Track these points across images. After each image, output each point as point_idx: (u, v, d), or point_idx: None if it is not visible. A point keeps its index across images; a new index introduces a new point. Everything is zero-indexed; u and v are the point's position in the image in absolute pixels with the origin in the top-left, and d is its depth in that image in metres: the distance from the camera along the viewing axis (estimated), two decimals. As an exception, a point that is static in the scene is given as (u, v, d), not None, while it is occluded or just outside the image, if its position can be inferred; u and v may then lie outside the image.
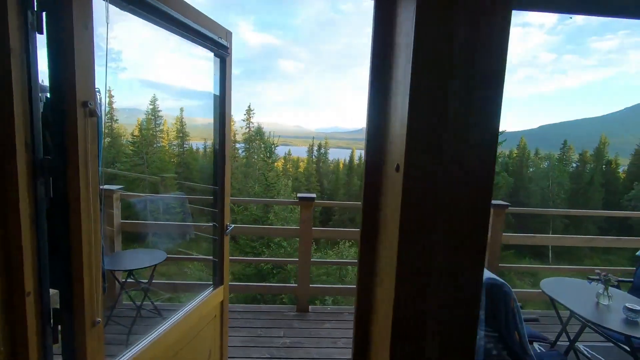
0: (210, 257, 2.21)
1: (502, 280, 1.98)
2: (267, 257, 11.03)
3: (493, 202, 4.15)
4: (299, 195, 4.09)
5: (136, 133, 35.42)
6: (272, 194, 13.25)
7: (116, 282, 3.59)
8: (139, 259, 3.34)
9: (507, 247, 25.67)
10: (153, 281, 3.50)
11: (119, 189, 3.83)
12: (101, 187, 1.34)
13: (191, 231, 4.17)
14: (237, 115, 58.85)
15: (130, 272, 3.23)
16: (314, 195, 4.16)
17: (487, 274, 2.03)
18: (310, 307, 4.05)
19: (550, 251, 30.80)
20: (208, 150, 68.08)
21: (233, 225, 2.12)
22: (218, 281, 2.10)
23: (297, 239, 4.30)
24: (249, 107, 41.37)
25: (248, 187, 16.99)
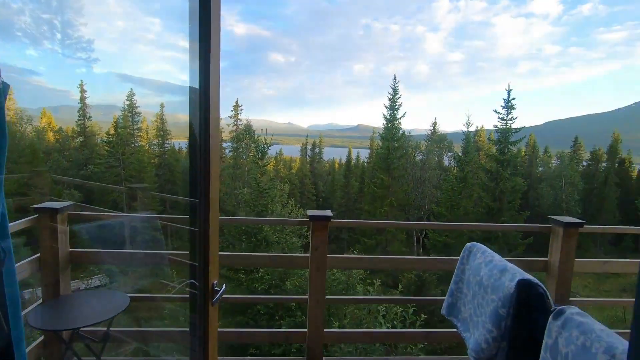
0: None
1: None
2: (261, 274, 10.19)
3: (561, 219, 3.45)
4: (310, 213, 3.35)
5: (112, 131, 34.29)
6: (266, 201, 12.40)
7: (61, 342, 2.78)
8: (90, 308, 2.55)
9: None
10: (111, 329, 2.71)
11: (67, 206, 3.01)
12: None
13: (163, 261, 3.38)
14: (223, 111, 57.74)
15: (76, 330, 2.44)
16: (329, 212, 3.41)
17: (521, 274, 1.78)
18: (324, 358, 3.30)
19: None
20: (192, 150, 66.63)
21: (225, 286, 1.36)
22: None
23: (303, 260, 3.55)
24: (237, 102, 40.39)
25: (237, 193, 16.12)
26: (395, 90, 25.49)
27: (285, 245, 11.03)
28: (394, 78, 25.42)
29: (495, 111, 20.07)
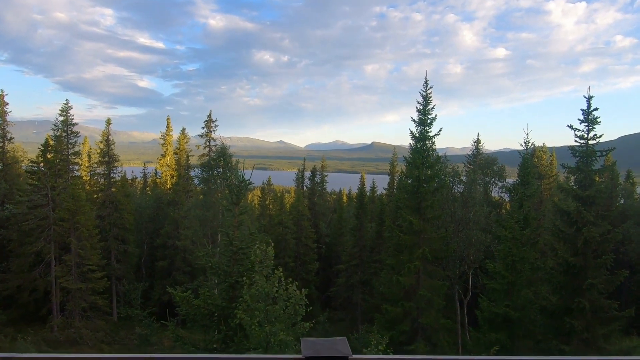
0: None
1: None
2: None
3: None
4: (308, 352, 2.32)
5: (39, 157, 33.25)
6: (242, 267, 10.99)
7: None
8: None
9: None
10: None
11: None
12: None
13: None
14: (192, 128, 56.85)
15: None
16: (341, 344, 2.38)
17: None
18: None
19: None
20: (150, 179, 66.05)
21: None
22: None
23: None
24: (210, 116, 39.62)
25: (203, 252, 14.66)
26: (426, 99, 24.53)
27: (272, 338, 9.52)
28: (425, 82, 24.45)
29: (571, 127, 18.97)
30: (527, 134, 32.19)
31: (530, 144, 32.35)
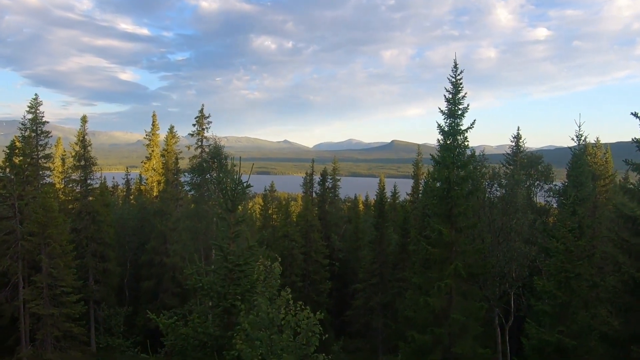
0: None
1: None
2: None
3: None
4: None
5: (5, 162, 33.31)
6: (241, 288, 10.58)
7: None
8: None
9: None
10: None
11: None
12: None
13: None
14: (182, 126, 57.03)
15: None
16: None
17: None
18: None
19: None
20: (134, 186, 66.31)
21: None
22: None
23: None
24: (202, 111, 39.39)
25: (190, 272, 14.34)
26: (456, 86, 24.04)
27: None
28: (454, 66, 23.98)
29: (636, 114, 18.34)
30: (579, 126, 31.50)
31: (583, 138, 31.71)
